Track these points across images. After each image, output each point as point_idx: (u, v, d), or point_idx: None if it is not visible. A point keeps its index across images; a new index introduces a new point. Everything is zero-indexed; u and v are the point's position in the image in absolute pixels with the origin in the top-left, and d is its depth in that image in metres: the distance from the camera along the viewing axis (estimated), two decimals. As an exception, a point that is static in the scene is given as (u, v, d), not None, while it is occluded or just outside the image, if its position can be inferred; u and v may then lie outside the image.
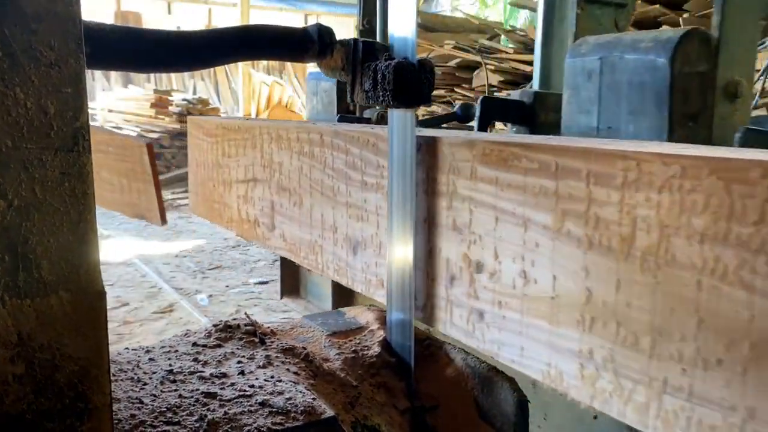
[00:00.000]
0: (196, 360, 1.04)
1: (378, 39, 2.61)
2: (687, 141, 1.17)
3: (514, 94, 1.28)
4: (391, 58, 1.05)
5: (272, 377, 0.98)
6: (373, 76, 1.06)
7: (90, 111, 10.91)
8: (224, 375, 0.99)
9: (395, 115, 1.09)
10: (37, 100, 0.64)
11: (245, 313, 1.22)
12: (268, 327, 1.20)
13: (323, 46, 1.10)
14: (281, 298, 2.52)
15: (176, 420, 0.85)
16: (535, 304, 0.86)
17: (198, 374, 0.98)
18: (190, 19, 16.01)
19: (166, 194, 8.19)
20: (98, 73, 14.18)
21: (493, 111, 1.51)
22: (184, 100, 9.42)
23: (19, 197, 0.64)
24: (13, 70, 0.63)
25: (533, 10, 7.67)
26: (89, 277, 0.68)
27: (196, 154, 2.00)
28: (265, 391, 0.94)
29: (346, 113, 2.27)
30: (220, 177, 1.83)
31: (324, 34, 1.10)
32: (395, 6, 1.07)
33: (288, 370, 1.02)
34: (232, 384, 0.96)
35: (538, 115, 1.56)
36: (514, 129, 1.68)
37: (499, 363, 0.96)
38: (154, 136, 9.11)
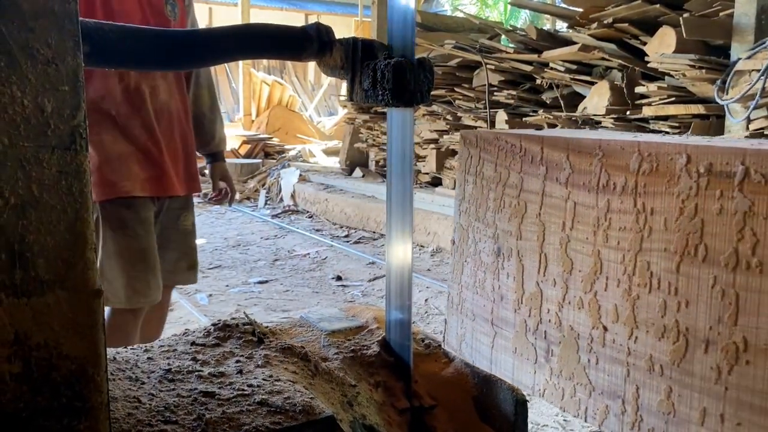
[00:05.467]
0: (194, 359, 1.03)
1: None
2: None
3: None
4: (390, 57, 1.05)
5: (270, 376, 0.98)
6: (372, 75, 1.05)
7: (90, 110, 10.90)
8: (222, 374, 0.98)
9: (394, 114, 1.09)
10: (34, 98, 0.64)
11: (244, 313, 1.22)
12: (267, 326, 1.19)
13: (322, 45, 1.09)
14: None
15: (174, 419, 0.85)
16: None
17: (196, 373, 0.98)
18: (190, 19, 15.97)
19: (167, 194, 8.19)
20: (99, 73, 14.18)
21: None
22: (184, 99, 9.41)
23: (16, 195, 0.64)
24: (10, 68, 0.63)
25: (534, 9, 7.66)
26: (86, 275, 0.68)
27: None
28: (263, 390, 0.93)
29: None
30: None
31: (323, 32, 1.09)
32: (394, 5, 1.06)
33: (286, 369, 1.02)
34: (231, 383, 0.95)
35: None
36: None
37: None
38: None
